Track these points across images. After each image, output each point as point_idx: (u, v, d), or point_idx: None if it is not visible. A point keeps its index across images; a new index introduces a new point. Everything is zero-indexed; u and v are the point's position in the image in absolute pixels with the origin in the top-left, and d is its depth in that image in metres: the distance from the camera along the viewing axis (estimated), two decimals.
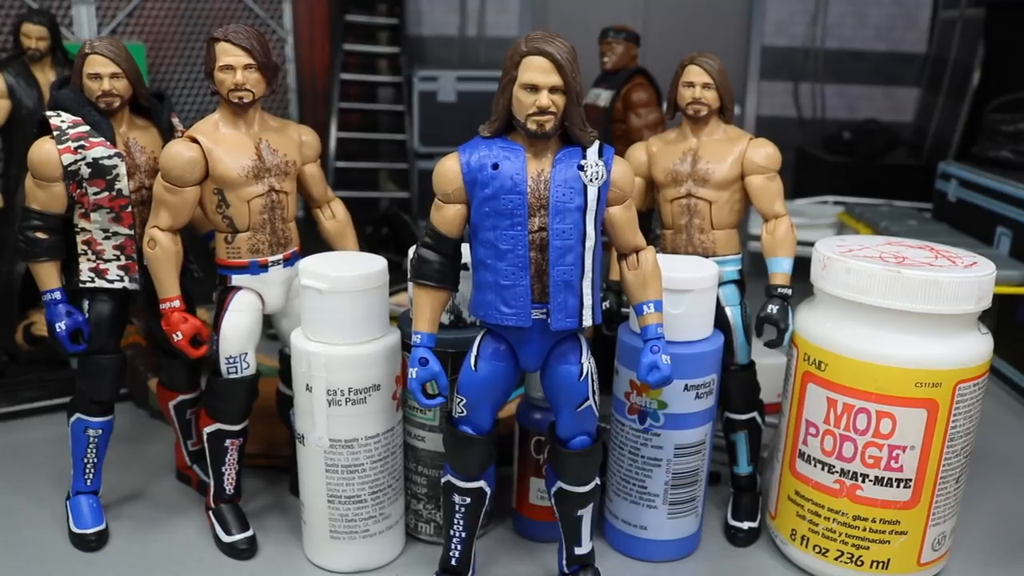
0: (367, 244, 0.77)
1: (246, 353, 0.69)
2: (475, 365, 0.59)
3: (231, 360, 0.68)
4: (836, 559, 0.67)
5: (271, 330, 0.74)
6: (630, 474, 0.70)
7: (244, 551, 0.69)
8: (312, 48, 1.84)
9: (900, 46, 2.26)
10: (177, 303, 0.67)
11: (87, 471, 0.72)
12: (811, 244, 0.70)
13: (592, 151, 0.55)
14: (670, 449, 0.68)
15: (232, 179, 0.65)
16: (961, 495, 0.67)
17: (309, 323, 0.64)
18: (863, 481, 0.65)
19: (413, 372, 0.58)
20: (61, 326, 0.68)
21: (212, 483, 0.71)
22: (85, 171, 0.65)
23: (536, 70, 0.53)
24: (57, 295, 0.68)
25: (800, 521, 0.69)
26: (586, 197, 0.54)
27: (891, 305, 0.62)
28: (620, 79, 1.07)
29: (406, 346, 0.66)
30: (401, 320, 0.71)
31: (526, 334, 0.57)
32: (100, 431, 0.71)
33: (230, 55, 0.63)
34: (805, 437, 0.68)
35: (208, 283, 0.71)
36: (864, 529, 0.65)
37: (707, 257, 0.71)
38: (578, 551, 0.64)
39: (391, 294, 0.74)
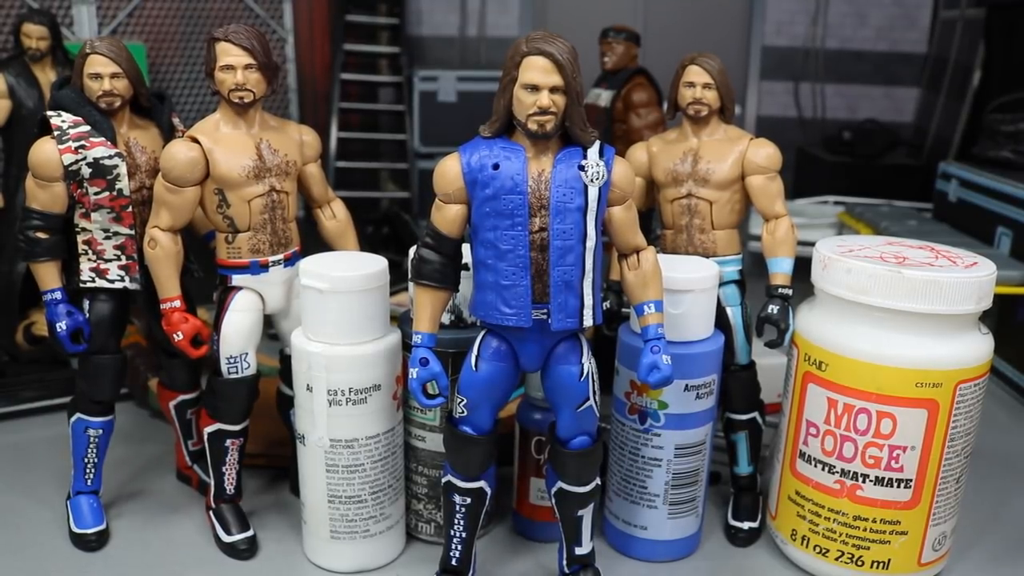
0: (367, 244, 0.77)
1: (247, 353, 0.69)
2: (475, 365, 0.59)
3: (231, 360, 0.68)
4: (836, 559, 0.67)
5: (271, 330, 0.74)
6: (630, 474, 0.70)
7: (244, 551, 0.69)
8: (312, 48, 1.84)
9: (900, 46, 2.26)
10: (178, 303, 0.67)
11: (87, 471, 0.72)
12: (811, 244, 0.70)
13: (593, 151, 0.55)
14: (670, 449, 0.68)
15: (233, 179, 0.65)
16: (961, 495, 0.67)
17: (309, 323, 0.64)
18: (863, 481, 0.65)
19: (414, 372, 0.58)
20: (61, 326, 0.68)
21: (212, 483, 0.71)
22: (86, 171, 0.65)
23: (537, 70, 0.53)
24: (57, 295, 0.68)
25: (800, 521, 0.69)
26: (586, 197, 0.54)
27: (891, 305, 0.62)
28: (620, 79, 1.08)
29: (406, 346, 0.66)
30: (401, 320, 0.71)
31: (526, 334, 0.57)
32: (100, 431, 0.71)
33: (231, 55, 0.63)
34: (805, 437, 0.68)
35: (208, 283, 0.71)
36: (864, 529, 0.65)
37: (707, 257, 0.71)
38: (578, 551, 0.64)
39: (391, 294, 0.74)
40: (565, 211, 0.54)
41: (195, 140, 0.64)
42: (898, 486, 0.64)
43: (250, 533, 0.70)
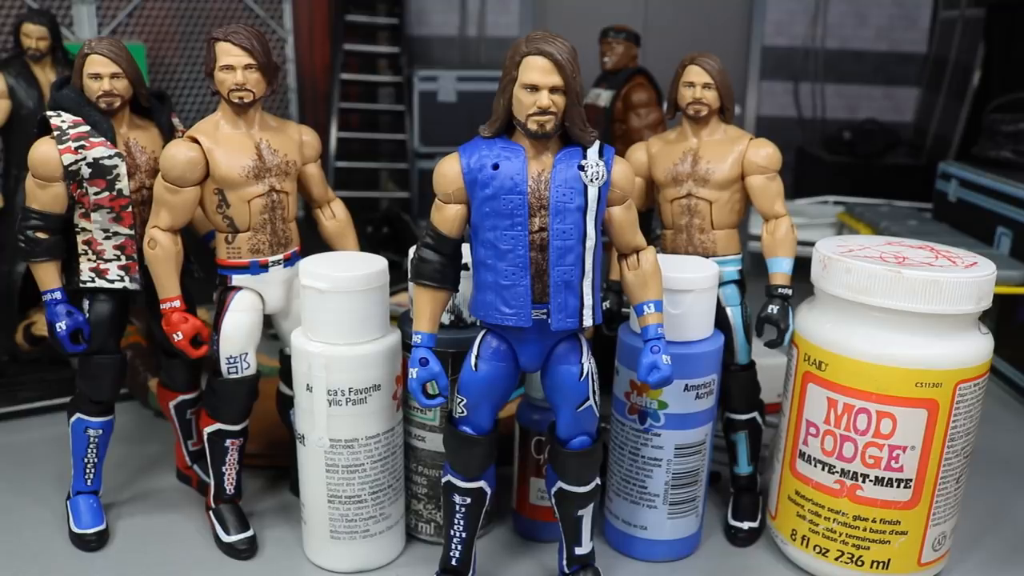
0: (367, 244, 0.77)
1: (246, 353, 0.69)
2: (475, 365, 0.59)
3: (231, 360, 0.68)
4: (836, 559, 0.67)
5: (271, 330, 0.74)
6: (630, 474, 0.70)
7: (244, 551, 0.69)
8: (312, 48, 1.84)
9: (900, 46, 2.26)
10: (177, 303, 0.67)
11: (87, 471, 0.72)
12: (811, 244, 0.70)
13: (592, 151, 0.55)
14: (670, 449, 0.68)
15: (233, 179, 0.65)
16: (961, 495, 0.67)
17: (309, 323, 0.64)
18: (863, 481, 0.65)
19: (413, 372, 0.58)
20: (61, 326, 0.68)
21: (212, 483, 0.71)
22: (85, 171, 0.65)
23: (536, 70, 0.53)
24: (57, 295, 0.68)
25: (800, 521, 0.69)
26: (586, 197, 0.54)
27: (891, 305, 0.62)
28: (620, 79, 1.08)
29: (406, 346, 0.66)
30: (401, 320, 0.71)
31: (526, 334, 0.57)
32: (100, 431, 0.71)
33: (231, 55, 0.63)
34: (805, 437, 0.68)
35: (208, 283, 0.71)
36: (864, 529, 0.65)
37: (707, 257, 0.71)
38: (578, 551, 0.64)
39: (391, 294, 0.74)
40: (565, 211, 0.54)
41: (195, 140, 0.64)
42: (898, 486, 0.64)
43: (250, 533, 0.70)
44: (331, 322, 0.63)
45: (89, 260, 0.69)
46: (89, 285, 0.69)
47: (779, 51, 2.29)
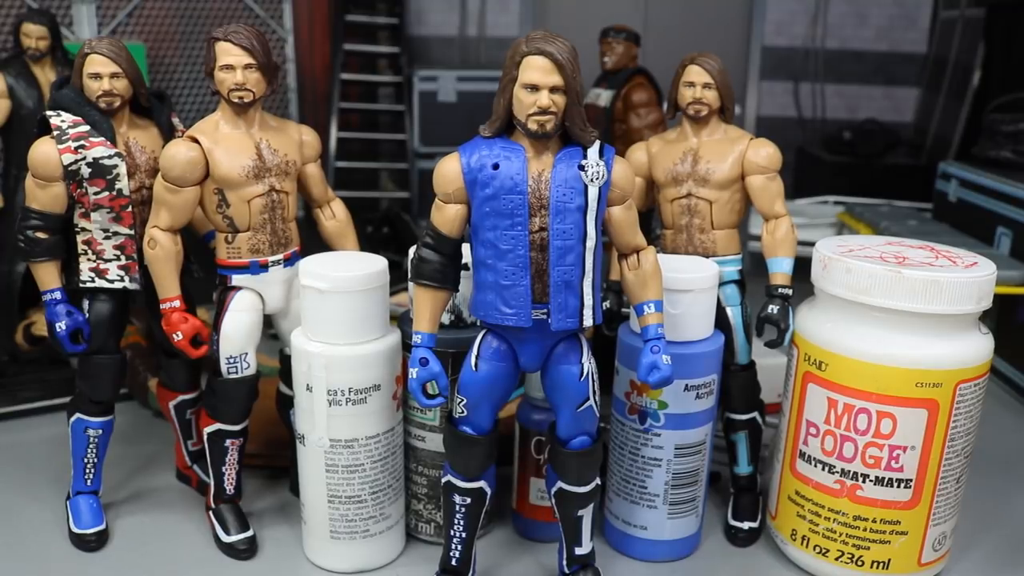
0: (367, 244, 0.77)
1: (246, 353, 0.69)
2: (475, 365, 0.59)
3: (231, 360, 0.68)
4: (836, 559, 0.67)
5: (271, 330, 0.74)
6: (630, 474, 0.70)
7: (244, 551, 0.69)
8: (312, 48, 1.84)
9: (900, 46, 2.26)
10: (177, 303, 0.67)
11: (87, 471, 0.72)
12: (811, 244, 0.70)
13: (593, 151, 0.55)
14: (670, 449, 0.68)
15: (232, 179, 0.65)
16: (961, 495, 0.67)
17: (309, 323, 0.64)
18: (863, 481, 0.65)
19: (413, 372, 0.58)
20: (61, 326, 0.68)
21: (212, 483, 0.71)
22: (85, 171, 0.65)
23: (537, 70, 0.53)
24: (57, 295, 0.68)
25: (800, 521, 0.69)
26: (586, 197, 0.54)
27: (892, 305, 0.62)
28: (620, 79, 1.08)
29: (406, 346, 0.66)
30: (401, 320, 0.71)
31: (526, 334, 0.57)
32: (100, 431, 0.71)
33: (230, 55, 0.63)
34: (805, 437, 0.68)
35: (208, 283, 0.71)
36: (864, 529, 0.65)
37: (707, 257, 0.71)
38: (578, 551, 0.64)
39: (391, 294, 0.74)
40: (565, 211, 0.54)
41: (195, 140, 0.64)
42: (898, 486, 0.64)
43: (250, 533, 0.70)
44: (331, 322, 0.63)
45: (89, 260, 0.69)
46: (89, 285, 0.69)
47: (779, 51, 2.29)
